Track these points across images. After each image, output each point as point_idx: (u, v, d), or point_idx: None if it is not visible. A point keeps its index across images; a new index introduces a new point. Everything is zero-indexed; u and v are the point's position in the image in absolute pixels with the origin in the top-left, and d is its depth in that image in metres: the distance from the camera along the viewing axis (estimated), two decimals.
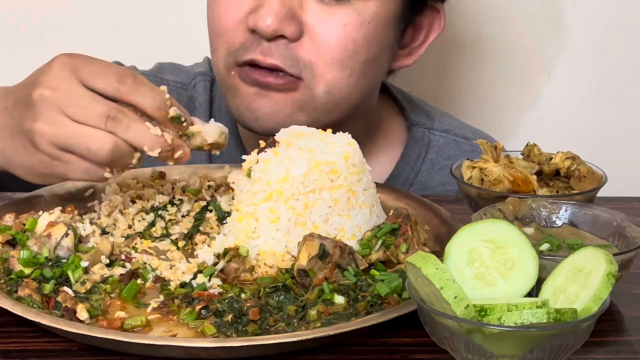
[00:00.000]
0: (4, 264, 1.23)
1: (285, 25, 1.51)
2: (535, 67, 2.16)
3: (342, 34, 1.54)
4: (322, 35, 1.54)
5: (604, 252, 1.01)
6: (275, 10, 1.51)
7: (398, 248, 1.27)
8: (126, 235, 1.35)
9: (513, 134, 2.13)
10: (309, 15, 1.53)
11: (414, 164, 1.76)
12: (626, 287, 1.26)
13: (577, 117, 2.18)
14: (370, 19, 1.55)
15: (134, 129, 1.26)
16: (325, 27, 1.53)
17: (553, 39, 2.14)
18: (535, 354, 0.98)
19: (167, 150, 1.28)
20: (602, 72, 2.16)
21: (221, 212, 1.39)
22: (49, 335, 1.13)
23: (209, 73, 1.80)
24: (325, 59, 1.54)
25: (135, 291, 1.20)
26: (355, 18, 1.54)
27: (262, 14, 1.51)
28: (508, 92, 2.18)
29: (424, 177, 1.75)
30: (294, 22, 1.52)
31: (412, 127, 1.78)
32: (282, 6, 1.51)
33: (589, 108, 2.18)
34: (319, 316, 1.14)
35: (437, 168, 1.76)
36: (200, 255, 1.29)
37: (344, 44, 1.54)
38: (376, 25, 1.57)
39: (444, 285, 0.99)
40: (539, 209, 1.27)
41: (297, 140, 1.33)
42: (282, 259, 1.27)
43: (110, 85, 1.27)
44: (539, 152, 1.44)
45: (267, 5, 1.51)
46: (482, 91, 2.17)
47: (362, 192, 1.31)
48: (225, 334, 1.12)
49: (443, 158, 1.77)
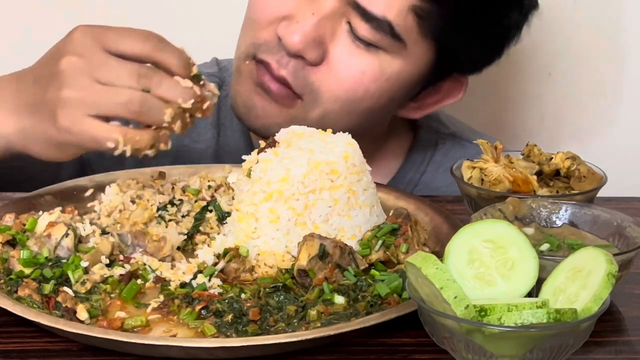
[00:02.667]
0: (4, 264, 1.23)
1: (310, 49, 1.50)
2: (535, 67, 2.16)
3: (357, 79, 1.53)
4: (339, 72, 1.52)
5: (604, 252, 1.01)
6: (307, 31, 1.49)
7: (398, 248, 1.27)
8: None
9: (513, 134, 2.13)
10: (337, 47, 1.52)
11: (419, 165, 1.76)
12: (626, 287, 1.26)
13: (577, 117, 2.18)
14: (390, 75, 1.54)
15: (166, 83, 1.28)
16: (345, 66, 1.52)
17: (553, 39, 2.14)
18: (535, 354, 0.98)
19: (197, 101, 1.30)
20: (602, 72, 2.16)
21: (221, 212, 1.39)
22: (49, 335, 1.13)
23: (217, 74, 1.80)
24: (332, 92, 1.53)
25: (135, 291, 1.20)
26: (376, 70, 1.53)
27: (294, 29, 1.50)
28: (508, 92, 2.18)
29: (428, 179, 1.75)
30: (319, 49, 1.51)
31: (418, 129, 1.79)
32: (315, 30, 1.50)
33: (588, 108, 2.18)
34: (319, 316, 1.14)
35: (443, 170, 1.75)
36: (200, 255, 1.29)
37: (355, 88, 1.53)
38: (394, 82, 1.55)
39: (444, 285, 0.99)
40: (539, 209, 1.27)
41: (297, 140, 1.33)
42: (282, 259, 1.27)
43: (136, 45, 1.28)
44: (539, 152, 1.44)
45: (302, 22, 1.50)
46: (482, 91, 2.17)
47: (362, 192, 1.31)
48: (225, 334, 1.12)
49: (449, 160, 1.75)
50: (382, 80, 1.54)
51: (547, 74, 2.16)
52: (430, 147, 1.78)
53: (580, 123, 2.18)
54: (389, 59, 1.53)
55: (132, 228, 1.33)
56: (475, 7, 1.53)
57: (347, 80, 1.53)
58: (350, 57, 1.52)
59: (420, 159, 1.77)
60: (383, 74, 1.54)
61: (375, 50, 1.52)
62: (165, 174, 1.48)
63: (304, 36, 1.49)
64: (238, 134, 1.75)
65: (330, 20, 1.51)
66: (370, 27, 1.49)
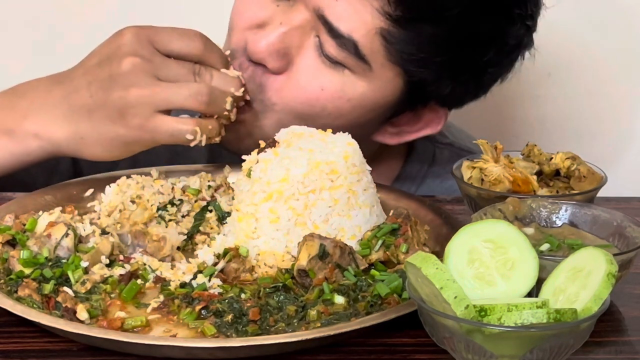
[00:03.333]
0: (4, 264, 1.23)
1: (273, 58, 1.47)
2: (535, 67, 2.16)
3: (314, 94, 1.48)
4: (298, 84, 1.48)
5: (604, 252, 1.01)
6: (273, 41, 1.47)
7: (398, 248, 1.27)
8: None
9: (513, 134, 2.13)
10: (302, 60, 1.48)
11: (415, 176, 1.74)
12: (626, 287, 1.26)
13: (577, 117, 2.18)
14: (351, 97, 1.49)
15: (217, 76, 1.43)
16: (306, 79, 1.48)
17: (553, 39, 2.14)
18: (535, 354, 0.98)
19: (243, 89, 1.45)
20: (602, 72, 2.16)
21: (221, 212, 1.39)
22: (49, 335, 1.13)
23: None
24: (287, 103, 1.49)
25: (135, 291, 1.20)
26: (337, 89, 1.48)
27: (261, 36, 1.48)
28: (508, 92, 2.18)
29: (424, 191, 1.71)
30: (282, 59, 1.48)
31: (415, 140, 1.72)
32: (280, 40, 1.47)
33: (588, 108, 2.18)
34: (319, 316, 1.14)
35: (440, 182, 1.72)
36: (200, 255, 1.29)
37: (312, 104, 1.48)
38: (355, 105, 1.49)
39: (444, 285, 0.99)
40: (539, 209, 1.27)
41: (297, 140, 1.33)
42: (282, 259, 1.27)
43: (185, 45, 1.42)
44: (539, 152, 1.44)
45: (268, 32, 1.48)
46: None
47: (362, 192, 1.31)
48: (225, 334, 1.12)
49: (447, 172, 1.73)
50: (342, 100, 1.49)
51: (547, 74, 2.16)
52: (427, 158, 1.75)
53: (580, 123, 2.18)
54: (353, 80, 1.48)
55: (132, 228, 1.33)
56: (444, 38, 1.46)
57: (304, 93, 1.48)
58: (313, 71, 1.48)
59: (417, 170, 1.74)
60: (344, 94, 1.48)
61: (340, 68, 1.47)
62: (165, 174, 1.49)
63: (267, 45, 1.47)
64: None
65: (298, 32, 1.47)
66: (336, 44, 1.45)
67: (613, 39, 2.13)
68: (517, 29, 1.52)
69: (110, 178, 1.46)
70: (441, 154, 1.75)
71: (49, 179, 1.61)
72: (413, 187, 1.72)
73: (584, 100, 2.17)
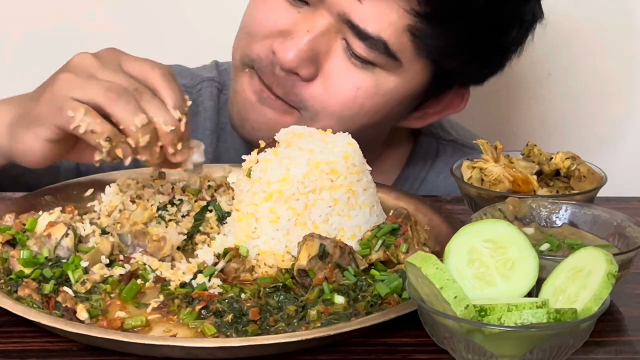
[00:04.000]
0: (4, 264, 1.23)
1: (304, 66, 1.50)
2: (535, 67, 2.16)
3: (351, 94, 1.51)
4: (333, 88, 1.51)
5: (604, 252, 1.01)
6: (302, 48, 1.48)
7: (398, 248, 1.27)
8: None
9: (513, 134, 2.13)
10: (331, 63, 1.51)
11: (419, 171, 1.76)
12: (626, 287, 1.26)
13: (577, 117, 2.18)
14: (385, 92, 1.53)
15: (155, 103, 1.28)
16: (340, 82, 1.51)
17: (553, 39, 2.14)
18: (535, 354, 0.98)
19: (178, 134, 1.28)
20: (601, 72, 2.16)
21: (221, 212, 1.39)
22: (49, 335, 1.13)
23: (216, 79, 1.79)
24: (326, 108, 1.52)
25: (135, 291, 1.20)
26: (371, 86, 1.51)
27: (289, 45, 1.49)
28: (508, 92, 2.18)
29: (429, 186, 1.74)
30: (312, 66, 1.50)
31: (419, 136, 1.78)
32: (310, 47, 1.49)
33: (588, 108, 2.18)
34: (319, 316, 1.14)
35: (443, 177, 1.74)
36: (200, 255, 1.29)
37: (350, 105, 1.52)
38: (389, 99, 1.54)
39: (444, 285, 0.99)
40: (539, 209, 1.27)
41: (297, 140, 1.33)
42: (282, 259, 1.27)
43: (145, 70, 1.30)
44: (539, 152, 1.44)
45: (296, 40, 1.49)
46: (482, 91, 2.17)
47: (362, 192, 1.31)
48: (225, 334, 1.12)
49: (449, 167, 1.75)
50: (377, 97, 1.52)
51: (547, 74, 2.16)
52: (431, 154, 1.77)
53: (580, 123, 2.18)
54: (384, 76, 1.51)
55: (132, 228, 1.33)
56: (471, 28, 1.50)
57: (341, 96, 1.51)
58: (345, 73, 1.51)
59: (421, 165, 1.76)
60: (378, 91, 1.52)
61: (371, 67, 1.50)
62: (165, 174, 1.48)
63: (298, 53, 1.48)
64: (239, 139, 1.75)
65: (325, 37, 1.49)
66: (365, 45, 1.47)
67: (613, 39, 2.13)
68: (532, 5, 1.57)
69: (110, 178, 1.46)
70: (444, 150, 1.78)
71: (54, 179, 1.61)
72: (416, 183, 1.74)
73: (584, 100, 2.17)
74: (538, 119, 2.18)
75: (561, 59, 2.16)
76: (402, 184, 1.74)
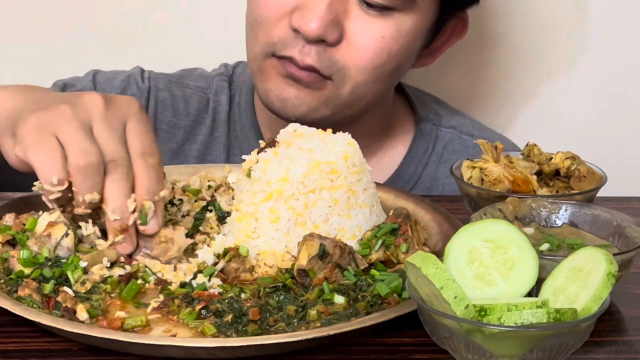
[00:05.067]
0: (4, 264, 1.23)
1: (329, 31, 1.56)
2: (535, 67, 2.16)
3: (379, 44, 1.59)
4: (360, 44, 1.59)
5: (604, 252, 1.01)
6: (322, 15, 1.55)
7: (398, 248, 1.27)
8: None
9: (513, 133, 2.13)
10: (352, 22, 1.58)
11: (421, 156, 1.81)
12: (626, 287, 1.26)
13: (576, 117, 2.18)
14: (407, 31, 1.61)
15: (118, 187, 1.21)
16: (365, 36, 1.58)
17: (553, 39, 2.14)
18: (535, 354, 0.98)
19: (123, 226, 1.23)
20: (601, 72, 2.16)
21: (221, 212, 1.39)
22: (49, 335, 1.13)
23: (225, 74, 1.86)
24: (359, 65, 1.59)
25: (135, 291, 1.20)
26: (394, 31, 1.60)
27: (309, 17, 1.55)
28: (508, 91, 2.18)
29: (431, 170, 1.81)
30: (337, 28, 1.57)
31: (420, 122, 1.84)
32: (329, 12, 1.55)
33: (588, 108, 2.18)
34: (319, 316, 1.14)
35: (443, 161, 1.81)
36: (200, 255, 1.29)
37: (379, 54, 1.60)
38: (412, 37, 1.63)
39: (444, 285, 0.99)
40: (539, 209, 1.27)
41: (297, 140, 1.33)
42: (282, 259, 1.27)
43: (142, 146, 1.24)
44: (539, 152, 1.44)
45: (315, 8, 1.55)
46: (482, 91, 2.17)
47: (362, 192, 1.31)
48: (225, 334, 1.12)
49: (448, 152, 1.82)
50: (401, 39, 1.60)
51: (547, 74, 2.16)
52: (431, 139, 1.83)
53: (580, 123, 2.18)
54: (402, 17, 1.60)
55: None
56: None
57: (370, 48, 1.59)
58: (367, 26, 1.58)
59: (423, 149, 1.82)
60: (401, 34, 1.60)
61: (388, 12, 1.58)
62: (165, 174, 1.48)
63: (320, 21, 1.54)
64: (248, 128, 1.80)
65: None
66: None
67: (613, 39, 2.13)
68: None
69: None
70: (444, 136, 1.84)
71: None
72: (420, 167, 1.80)
73: (584, 100, 2.17)
74: (538, 118, 2.18)
75: (561, 59, 2.16)
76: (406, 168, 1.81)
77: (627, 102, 2.17)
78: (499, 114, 2.18)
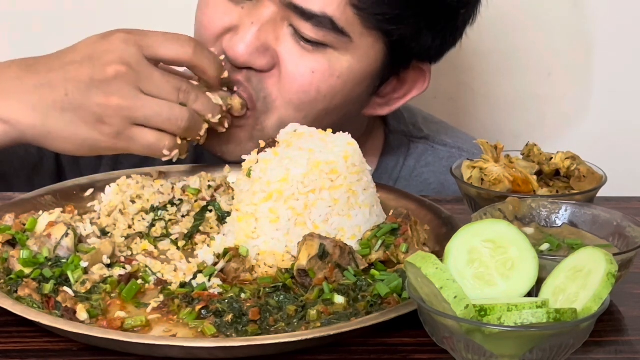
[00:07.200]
0: (4, 264, 1.23)
1: (256, 57, 1.48)
2: (535, 67, 2.16)
3: (307, 79, 1.49)
4: (288, 75, 1.49)
5: (604, 252, 1.01)
6: (249, 41, 1.47)
7: (398, 248, 1.27)
8: (126, 235, 1.35)
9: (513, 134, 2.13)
10: (283, 52, 1.49)
11: (391, 172, 1.74)
12: (626, 287, 1.26)
13: (577, 117, 2.18)
14: (340, 72, 1.51)
15: (201, 99, 1.42)
16: (294, 68, 1.49)
17: (553, 39, 2.14)
18: (535, 354, 0.98)
19: (224, 117, 1.46)
20: (602, 72, 2.16)
21: (221, 212, 1.39)
22: (49, 335, 1.13)
23: None
24: (285, 97, 1.50)
25: (135, 291, 1.20)
26: (326, 69, 1.50)
27: (235, 41, 1.48)
28: (508, 92, 2.18)
29: (402, 185, 1.72)
30: (265, 56, 1.49)
31: (389, 135, 1.76)
32: (256, 39, 1.48)
33: (588, 108, 2.18)
34: (319, 316, 1.14)
35: (415, 175, 1.74)
36: (200, 255, 1.29)
37: (307, 90, 1.50)
38: (346, 80, 1.52)
39: (444, 285, 0.99)
40: (539, 209, 1.27)
41: (297, 140, 1.33)
42: (282, 259, 1.27)
43: (175, 51, 1.41)
44: (539, 152, 1.44)
45: (242, 33, 1.48)
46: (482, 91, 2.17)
47: (362, 192, 1.31)
48: (225, 334, 1.12)
49: (420, 166, 1.75)
50: (333, 79, 1.51)
51: (547, 74, 2.16)
52: (402, 153, 1.76)
53: (580, 123, 2.18)
54: (337, 56, 1.50)
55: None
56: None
57: (297, 82, 1.49)
58: (299, 58, 1.49)
59: (393, 164, 1.75)
60: (334, 72, 1.50)
61: (323, 49, 1.49)
62: (165, 174, 1.49)
63: (246, 46, 1.47)
64: None
65: (271, 26, 1.48)
66: (312, 25, 1.46)
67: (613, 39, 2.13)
68: None
69: (110, 178, 1.46)
70: (416, 148, 1.76)
71: (32, 174, 1.61)
72: (390, 183, 1.71)
73: (584, 100, 2.17)
74: (538, 119, 2.18)
75: (561, 59, 2.16)
76: None
77: (627, 102, 2.18)
78: (499, 115, 2.18)
